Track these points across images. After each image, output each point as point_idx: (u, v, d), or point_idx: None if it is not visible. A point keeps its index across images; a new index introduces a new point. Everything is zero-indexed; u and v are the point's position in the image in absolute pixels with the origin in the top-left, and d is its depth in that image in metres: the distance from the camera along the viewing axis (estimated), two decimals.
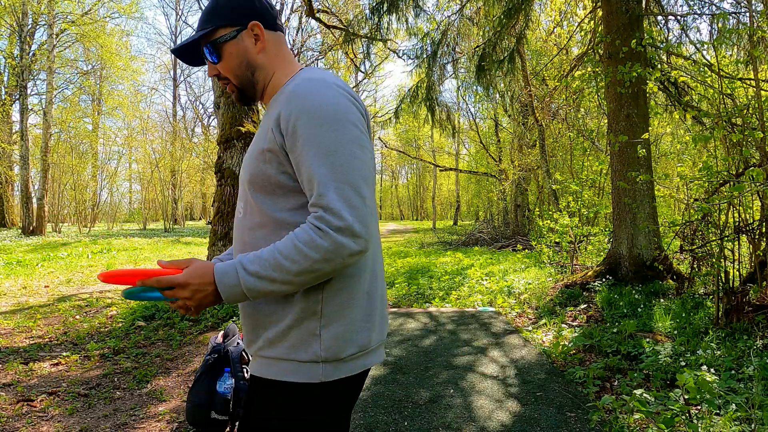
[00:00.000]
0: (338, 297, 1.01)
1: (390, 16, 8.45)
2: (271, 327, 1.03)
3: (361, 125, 1.02)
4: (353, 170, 0.95)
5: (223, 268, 0.95)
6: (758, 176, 3.30)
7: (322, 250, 0.91)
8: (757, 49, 4.65)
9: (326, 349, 0.99)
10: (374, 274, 1.09)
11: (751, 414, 2.33)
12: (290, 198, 1.03)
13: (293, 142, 0.98)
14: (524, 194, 15.48)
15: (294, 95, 0.99)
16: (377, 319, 1.08)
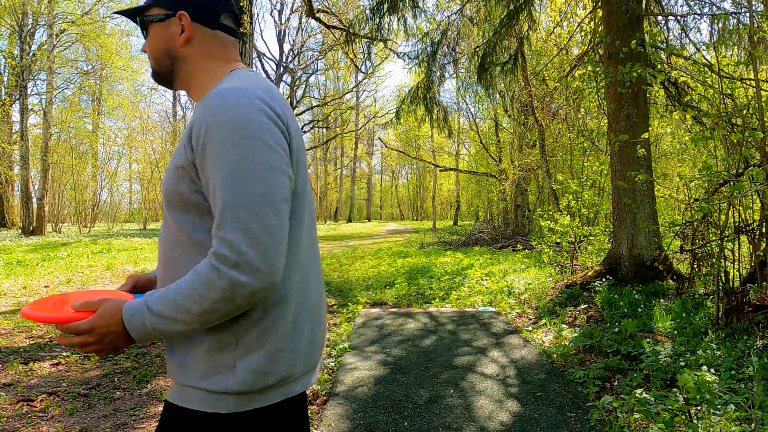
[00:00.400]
0: (256, 327, 0.93)
1: (390, 17, 8.45)
2: (185, 353, 0.98)
3: (278, 144, 0.90)
4: (258, 196, 0.86)
5: (131, 309, 0.90)
6: (758, 176, 3.30)
7: (218, 290, 0.84)
8: (758, 49, 4.65)
9: (240, 382, 0.92)
10: (302, 302, 1.01)
11: (751, 414, 2.33)
12: (206, 219, 0.94)
13: (202, 160, 0.89)
14: (524, 194, 15.48)
15: (206, 107, 0.91)
16: (304, 347, 1.01)
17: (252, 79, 0.98)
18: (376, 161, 52.97)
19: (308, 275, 1.04)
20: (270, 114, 0.92)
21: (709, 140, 3.69)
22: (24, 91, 18.35)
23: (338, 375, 3.22)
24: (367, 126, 40.08)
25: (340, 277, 7.82)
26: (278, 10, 32.49)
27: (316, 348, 1.06)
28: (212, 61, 1.07)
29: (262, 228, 0.85)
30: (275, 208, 0.88)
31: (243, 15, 5.90)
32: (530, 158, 13.71)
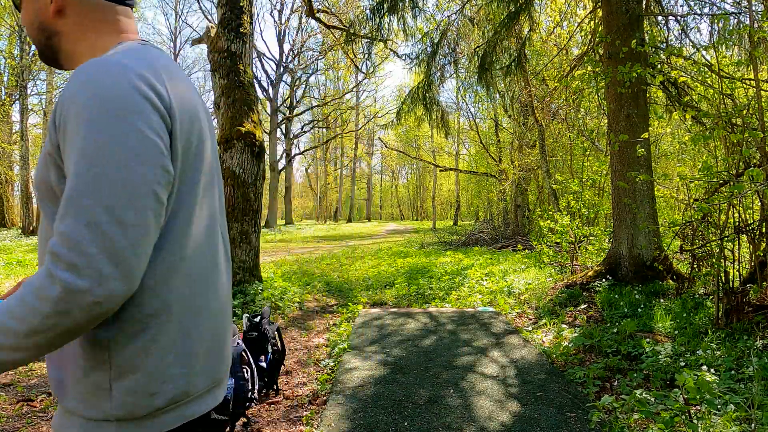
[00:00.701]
0: (133, 342, 0.79)
1: (390, 17, 8.46)
2: (60, 371, 0.83)
3: (150, 128, 0.75)
4: (114, 186, 0.70)
5: None
6: (758, 176, 3.30)
7: (50, 300, 0.67)
8: (758, 49, 4.65)
9: (119, 406, 0.79)
10: (196, 311, 0.87)
11: (751, 414, 2.33)
12: None
13: (64, 142, 0.75)
14: (524, 194, 15.49)
15: (71, 82, 0.76)
16: (201, 360, 0.88)
17: (135, 53, 0.82)
18: (376, 161, 53.00)
19: (205, 282, 0.90)
20: (146, 93, 0.76)
21: (710, 140, 3.69)
22: (24, 91, 18.36)
23: (338, 375, 3.22)
24: (367, 126, 40.07)
25: (340, 277, 7.82)
26: (278, 10, 32.49)
27: (220, 361, 0.94)
28: (95, 33, 0.90)
29: (114, 223, 0.70)
30: (135, 202, 0.72)
31: (243, 15, 5.90)
32: (530, 158, 13.71)
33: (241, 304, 4.91)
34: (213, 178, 0.93)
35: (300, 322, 4.83)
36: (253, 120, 5.69)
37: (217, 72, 5.78)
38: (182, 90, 0.85)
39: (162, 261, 0.81)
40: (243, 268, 5.37)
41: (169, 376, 0.82)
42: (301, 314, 5.15)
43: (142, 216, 0.73)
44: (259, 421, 2.58)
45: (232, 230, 5.36)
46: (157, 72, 0.80)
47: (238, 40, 5.79)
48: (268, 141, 27.72)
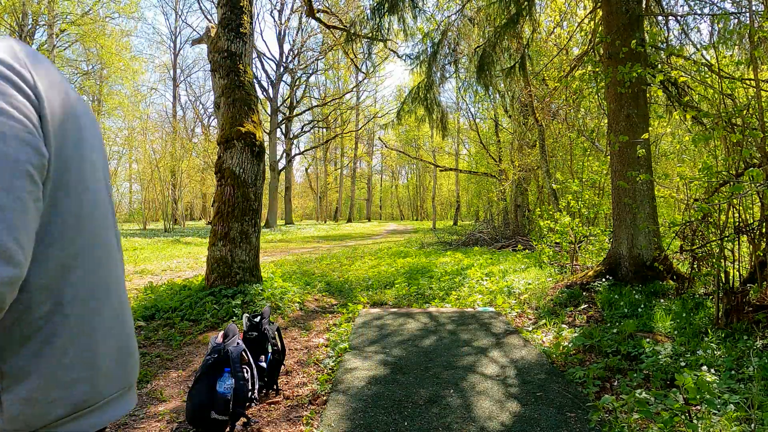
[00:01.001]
0: (25, 347, 0.73)
1: (391, 17, 8.46)
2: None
3: (14, 108, 0.71)
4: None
5: None
6: (758, 176, 3.30)
7: None
8: (759, 49, 4.65)
9: (11, 419, 0.72)
10: (97, 310, 0.83)
11: (751, 414, 2.33)
12: None
13: None
14: (524, 194, 15.49)
15: None
16: (109, 364, 0.83)
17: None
18: (376, 161, 53.01)
19: (106, 276, 0.87)
20: (5, 73, 0.72)
21: (710, 140, 3.69)
22: None
23: (338, 375, 3.22)
24: (367, 126, 40.07)
25: (340, 277, 7.82)
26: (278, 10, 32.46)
27: (129, 361, 0.89)
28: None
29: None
30: (7, 183, 0.67)
31: (243, 15, 5.90)
32: (530, 158, 13.71)
33: (241, 304, 4.91)
34: (93, 167, 0.87)
35: (300, 322, 4.83)
36: (253, 120, 5.69)
37: (217, 72, 5.78)
38: (51, 75, 0.81)
39: (53, 258, 0.76)
40: (243, 268, 5.37)
41: (68, 381, 0.76)
42: (301, 314, 5.15)
43: (16, 199, 0.68)
44: (259, 421, 2.58)
45: (232, 230, 5.36)
46: (17, 56, 0.76)
47: (238, 40, 5.79)
48: (268, 141, 27.71)
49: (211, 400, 2.39)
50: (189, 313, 4.76)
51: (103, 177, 0.91)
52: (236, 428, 2.49)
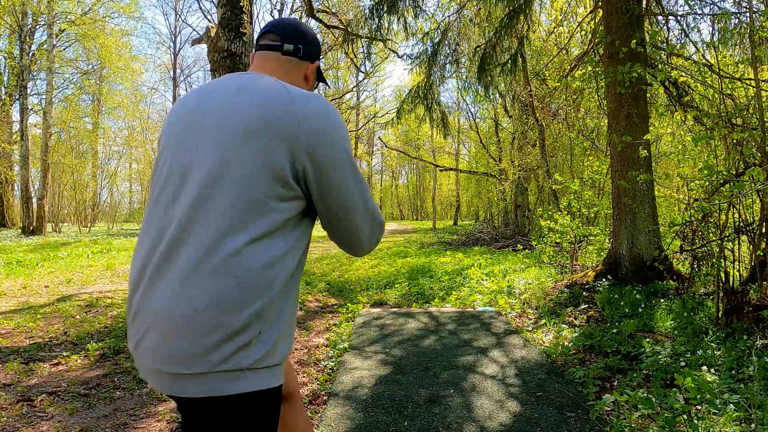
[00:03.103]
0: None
1: (390, 17, 8.45)
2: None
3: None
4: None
5: None
6: (758, 176, 3.30)
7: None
8: (759, 49, 4.65)
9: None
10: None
11: (751, 414, 2.33)
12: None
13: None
14: (524, 194, 15.49)
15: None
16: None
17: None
18: (376, 161, 52.97)
19: (133, 256, 1.08)
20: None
21: (710, 140, 3.69)
22: (24, 91, 18.36)
23: (338, 375, 3.22)
24: (367, 126, 40.06)
25: (340, 276, 7.82)
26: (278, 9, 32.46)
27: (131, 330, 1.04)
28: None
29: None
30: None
31: (243, 15, 5.90)
32: (530, 158, 13.71)
33: None
34: (162, 169, 1.13)
35: (300, 321, 4.83)
36: None
37: (217, 72, 5.78)
38: (175, 106, 1.18)
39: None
40: None
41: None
42: (301, 314, 5.14)
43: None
44: None
45: None
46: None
47: (238, 40, 5.79)
48: None
49: None
50: None
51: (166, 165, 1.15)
52: None
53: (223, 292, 0.93)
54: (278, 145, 0.98)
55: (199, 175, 0.99)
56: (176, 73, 41.21)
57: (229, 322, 0.93)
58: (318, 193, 1.04)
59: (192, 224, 0.97)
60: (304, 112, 1.00)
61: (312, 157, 1.00)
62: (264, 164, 0.97)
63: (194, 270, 0.94)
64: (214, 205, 0.96)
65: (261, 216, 0.97)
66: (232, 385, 0.93)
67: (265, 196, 0.97)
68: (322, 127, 1.01)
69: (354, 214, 1.08)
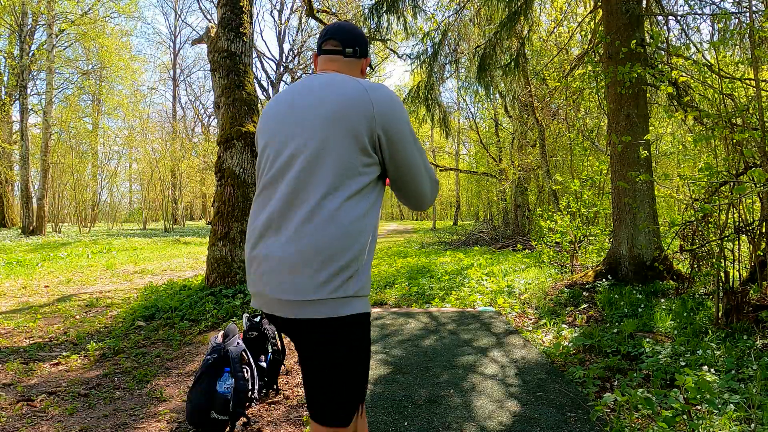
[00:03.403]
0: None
1: (389, 16, 8.45)
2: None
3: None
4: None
5: None
6: (759, 177, 3.30)
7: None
8: (759, 49, 4.65)
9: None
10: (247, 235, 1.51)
11: (751, 414, 2.33)
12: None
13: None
14: (524, 194, 15.49)
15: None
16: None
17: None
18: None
19: (250, 218, 1.43)
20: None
21: (710, 140, 3.69)
22: (24, 91, 18.35)
23: None
24: None
25: None
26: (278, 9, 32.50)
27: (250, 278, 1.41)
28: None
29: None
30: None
31: (243, 15, 5.90)
32: (530, 158, 13.71)
33: (241, 303, 4.90)
34: (267, 151, 1.48)
35: None
36: (253, 120, 5.69)
37: (217, 72, 5.78)
38: (274, 100, 1.54)
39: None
40: (243, 268, 5.37)
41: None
42: None
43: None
44: (259, 421, 2.58)
45: (232, 230, 5.36)
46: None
47: (238, 40, 5.79)
48: None
49: (211, 400, 2.39)
50: (189, 313, 4.76)
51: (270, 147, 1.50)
52: (236, 428, 2.49)
53: (331, 239, 1.26)
54: (360, 124, 1.30)
55: (303, 155, 1.32)
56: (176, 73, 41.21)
57: (337, 262, 1.26)
58: (389, 157, 1.37)
59: (300, 191, 1.30)
60: (375, 98, 1.33)
61: (384, 130, 1.33)
62: (351, 140, 1.30)
63: (307, 223, 1.27)
64: (316, 175, 1.30)
65: (351, 180, 1.30)
66: (343, 308, 1.28)
67: (353, 164, 1.30)
68: (389, 108, 1.34)
69: (417, 171, 1.41)
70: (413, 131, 1.40)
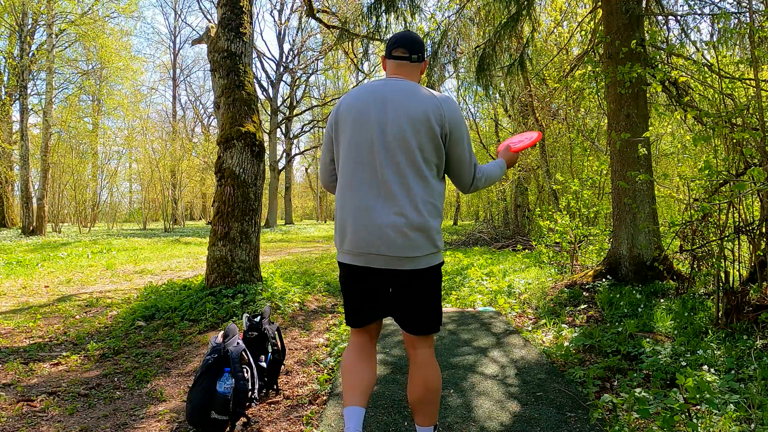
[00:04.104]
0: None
1: (389, 16, 8.44)
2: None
3: (325, 133, 2.00)
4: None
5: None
6: (759, 176, 3.30)
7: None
8: (759, 49, 4.65)
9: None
10: (342, 208, 1.89)
11: (751, 414, 2.33)
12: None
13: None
14: (524, 194, 15.49)
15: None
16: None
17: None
18: None
19: (344, 197, 1.88)
20: (332, 113, 1.94)
21: (710, 140, 3.69)
22: (24, 91, 18.34)
23: (338, 375, 3.22)
24: None
25: None
26: (278, 9, 32.49)
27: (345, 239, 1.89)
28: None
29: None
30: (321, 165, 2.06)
31: (243, 15, 5.90)
32: (530, 158, 13.71)
33: (241, 304, 4.91)
34: (349, 145, 1.94)
35: (300, 322, 4.83)
36: (253, 120, 5.68)
37: (217, 72, 5.78)
38: (348, 99, 1.96)
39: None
40: (243, 268, 5.37)
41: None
42: (301, 314, 5.15)
43: (321, 172, 2.13)
44: (259, 421, 2.58)
45: (232, 230, 5.36)
46: (344, 97, 2.00)
47: (238, 40, 5.79)
48: (268, 141, 27.69)
49: (211, 400, 2.39)
50: (189, 313, 4.76)
51: (352, 143, 1.91)
52: (236, 428, 2.49)
53: (425, 211, 1.79)
54: (435, 124, 1.80)
55: (400, 146, 1.79)
56: (176, 73, 41.22)
57: (429, 229, 1.80)
58: (451, 147, 1.87)
59: (400, 176, 1.78)
60: (444, 105, 1.84)
61: (451, 127, 1.84)
62: (433, 137, 1.81)
63: (412, 202, 1.78)
64: (412, 164, 1.79)
65: (432, 168, 1.84)
66: (435, 259, 1.88)
67: (433, 157, 1.83)
68: (454, 113, 1.86)
69: (466, 162, 1.93)
70: (468, 130, 1.91)
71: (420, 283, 1.83)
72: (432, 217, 1.79)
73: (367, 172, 1.79)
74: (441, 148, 1.82)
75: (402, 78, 1.91)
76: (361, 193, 1.79)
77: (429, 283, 1.85)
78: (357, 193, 1.80)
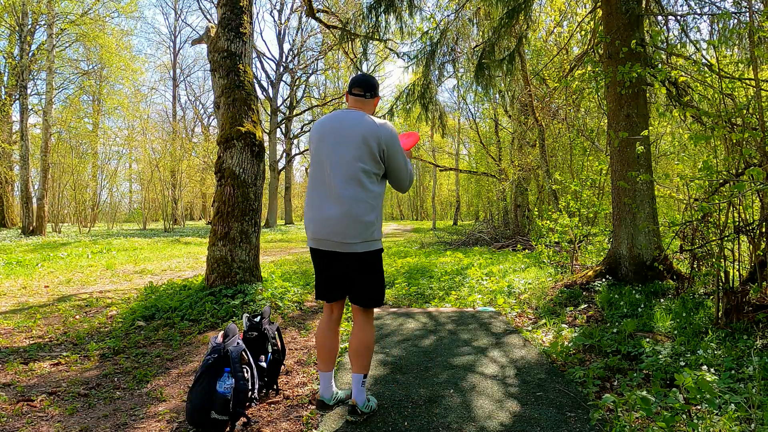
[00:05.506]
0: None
1: (388, 15, 8.44)
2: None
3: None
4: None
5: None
6: (758, 176, 3.30)
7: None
8: (759, 49, 4.64)
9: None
10: (309, 205, 2.55)
11: (751, 414, 2.33)
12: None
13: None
14: (524, 194, 15.49)
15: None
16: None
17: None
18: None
19: (310, 197, 2.54)
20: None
21: (710, 140, 3.69)
22: (24, 91, 18.34)
23: (338, 375, 3.22)
24: None
25: None
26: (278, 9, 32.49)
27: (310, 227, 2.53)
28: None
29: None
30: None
31: (243, 15, 5.89)
32: (530, 158, 13.71)
33: (241, 303, 4.91)
34: (322, 157, 2.54)
35: (300, 322, 4.83)
36: (253, 120, 5.68)
37: (217, 72, 5.78)
38: (326, 121, 2.60)
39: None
40: (243, 268, 5.37)
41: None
42: (301, 314, 5.14)
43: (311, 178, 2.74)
44: (259, 421, 2.58)
45: (232, 230, 5.36)
46: (322, 120, 2.67)
47: (238, 40, 5.79)
48: (268, 141, 27.69)
49: (211, 400, 2.39)
50: (189, 313, 4.76)
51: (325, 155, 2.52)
52: (236, 428, 2.49)
53: (365, 209, 2.40)
54: (374, 144, 2.42)
55: (344, 161, 2.41)
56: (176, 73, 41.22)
57: (363, 222, 2.40)
58: (388, 161, 2.49)
59: (341, 182, 2.40)
60: (381, 130, 2.46)
61: (386, 145, 2.46)
62: (371, 153, 2.42)
63: (349, 201, 2.38)
64: (351, 174, 2.40)
65: (370, 176, 2.43)
66: (373, 245, 2.48)
67: (371, 167, 2.43)
68: (389, 134, 2.47)
69: (402, 170, 2.57)
70: (401, 146, 2.53)
71: (359, 265, 2.46)
72: (366, 213, 2.39)
73: (323, 178, 2.46)
74: (379, 162, 2.44)
75: (357, 110, 2.57)
76: (319, 194, 2.47)
77: (367, 265, 2.47)
78: (316, 193, 2.48)
